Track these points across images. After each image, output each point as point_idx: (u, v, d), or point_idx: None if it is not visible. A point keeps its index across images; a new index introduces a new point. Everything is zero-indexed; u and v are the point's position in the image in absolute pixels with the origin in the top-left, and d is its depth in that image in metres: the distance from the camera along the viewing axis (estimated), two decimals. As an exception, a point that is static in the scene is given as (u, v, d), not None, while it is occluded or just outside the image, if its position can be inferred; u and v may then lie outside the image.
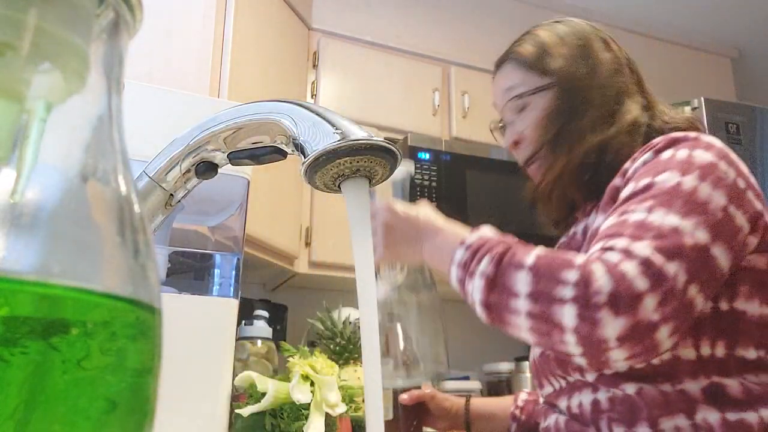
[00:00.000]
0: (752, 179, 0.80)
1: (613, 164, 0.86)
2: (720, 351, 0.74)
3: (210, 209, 1.01)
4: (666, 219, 0.70)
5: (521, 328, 0.70)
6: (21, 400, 0.16)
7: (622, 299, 0.64)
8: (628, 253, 0.67)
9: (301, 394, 0.97)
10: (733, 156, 0.80)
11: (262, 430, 1.01)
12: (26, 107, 0.19)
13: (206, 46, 1.62)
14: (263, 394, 0.99)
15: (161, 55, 1.53)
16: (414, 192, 2.00)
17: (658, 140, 0.81)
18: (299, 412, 0.99)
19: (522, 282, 0.69)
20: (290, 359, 1.07)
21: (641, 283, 0.65)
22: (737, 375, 0.73)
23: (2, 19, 0.18)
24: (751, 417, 0.70)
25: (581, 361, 0.70)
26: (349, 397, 1.10)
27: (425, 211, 0.87)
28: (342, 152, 0.38)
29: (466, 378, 2.04)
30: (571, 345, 0.67)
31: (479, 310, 0.74)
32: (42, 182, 0.19)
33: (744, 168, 0.80)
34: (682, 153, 0.77)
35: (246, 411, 0.98)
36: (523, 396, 1.12)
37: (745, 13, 2.69)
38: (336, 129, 0.39)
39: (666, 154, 0.78)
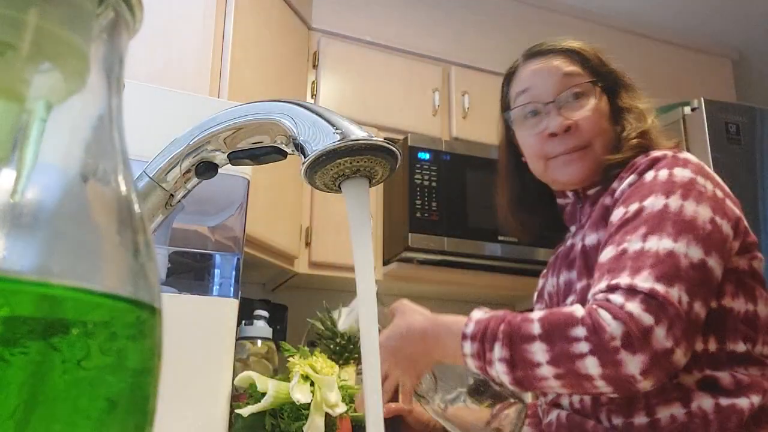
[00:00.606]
0: (727, 188, 0.88)
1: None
2: (712, 346, 0.80)
3: (210, 209, 1.01)
4: (661, 244, 0.76)
5: (554, 387, 0.76)
6: (21, 400, 0.16)
7: (635, 338, 0.71)
8: (631, 291, 0.73)
9: (301, 394, 0.97)
10: (707, 169, 0.87)
11: (262, 430, 1.01)
12: (26, 107, 0.19)
13: (206, 46, 1.62)
14: (263, 394, 0.99)
15: (161, 55, 1.53)
16: (414, 192, 2.00)
17: (641, 161, 0.87)
18: (299, 412, 0.99)
19: (539, 352, 0.74)
20: (290, 359, 1.07)
21: (647, 319, 0.71)
22: (728, 368, 0.79)
23: (2, 18, 0.18)
24: (742, 402, 0.76)
25: (615, 395, 0.78)
26: (350, 397, 1.10)
27: (403, 312, 0.90)
28: (342, 152, 0.38)
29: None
30: (603, 388, 0.73)
31: (511, 387, 0.79)
32: (42, 182, 0.19)
33: (719, 179, 0.87)
34: (663, 173, 0.83)
35: (246, 411, 0.98)
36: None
37: (746, 14, 2.69)
38: (336, 129, 0.39)
39: (649, 176, 0.84)
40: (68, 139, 0.20)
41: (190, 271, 1.00)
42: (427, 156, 2.05)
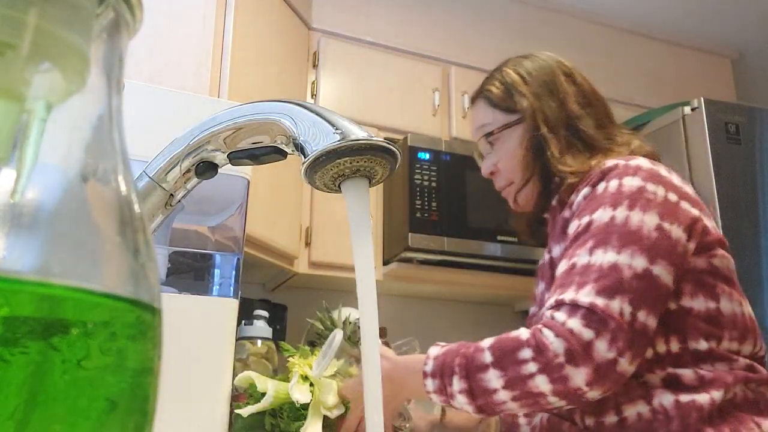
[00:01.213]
0: (686, 188, 0.89)
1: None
2: (674, 346, 0.83)
3: (210, 209, 1.01)
4: (605, 258, 0.80)
5: (514, 409, 0.81)
6: (21, 400, 0.16)
7: (576, 352, 0.75)
8: (573, 306, 0.78)
9: (300, 394, 0.97)
10: (663, 172, 0.89)
11: (261, 430, 1.01)
12: (26, 107, 0.19)
13: (206, 46, 1.62)
14: (263, 394, 0.99)
15: (161, 55, 1.53)
16: (414, 192, 2.00)
17: (593, 172, 0.91)
18: (299, 412, 0.99)
19: (493, 379, 0.79)
20: (290, 359, 1.07)
21: (588, 333, 0.76)
22: (692, 365, 0.82)
23: (2, 18, 0.18)
24: (702, 398, 0.79)
25: (571, 407, 0.83)
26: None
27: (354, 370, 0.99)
28: (342, 152, 0.38)
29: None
30: (557, 402, 0.79)
31: (476, 415, 0.86)
32: (42, 182, 0.19)
33: (676, 180, 0.89)
34: (613, 184, 0.87)
35: (246, 411, 0.98)
36: None
37: (746, 13, 2.69)
38: (336, 129, 0.39)
39: (600, 187, 0.88)
40: (68, 139, 0.20)
41: (190, 271, 1.00)
42: (427, 156, 2.05)
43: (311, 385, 1.01)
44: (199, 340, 0.93)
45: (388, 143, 0.39)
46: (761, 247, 1.90)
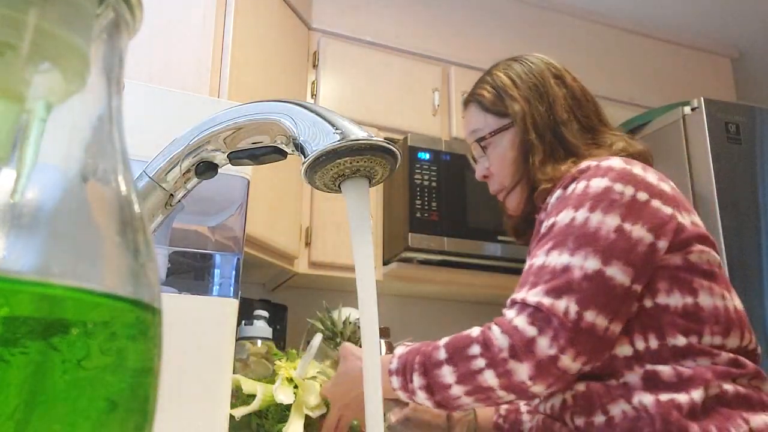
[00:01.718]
0: (662, 185, 0.90)
1: None
2: (653, 343, 0.84)
3: (210, 209, 1.01)
4: (559, 259, 0.83)
5: (468, 404, 0.85)
6: (21, 400, 0.16)
7: (519, 348, 0.79)
8: (522, 305, 0.82)
9: (284, 395, 1.01)
10: (636, 170, 0.89)
11: (247, 429, 1.03)
12: (26, 107, 0.19)
13: (206, 46, 1.62)
14: (249, 396, 1.02)
15: (161, 55, 1.53)
16: (414, 192, 2.00)
17: (567, 175, 0.93)
18: (283, 414, 1.03)
19: (447, 374, 0.83)
20: (277, 362, 1.11)
21: (531, 330, 0.79)
22: (672, 361, 0.83)
23: (2, 19, 0.18)
24: (681, 397, 0.80)
25: (519, 401, 0.88)
26: None
27: (345, 357, 1.00)
28: (342, 152, 0.38)
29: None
30: (505, 396, 0.82)
31: (436, 411, 0.90)
32: (42, 182, 0.19)
33: (651, 178, 0.89)
34: (580, 186, 0.89)
35: (238, 412, 1.01)
36: (504, 405, 1.14)
37: (746, 13, 2.69)
38: (336, 129, 0.39)
39: (570, 189, 0.90)
40: (68, 139, 0.20)
41: (190, 271, 1.00)
42: (427, 156, 2.05)
43: (295, 386, 1.03)
44: (199, 340, 0.93)
45: (388, 143, 0.39)
46: (761, 247, 1.90)
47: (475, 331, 0.85)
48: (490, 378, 0.80)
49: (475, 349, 0.82)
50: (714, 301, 0.86)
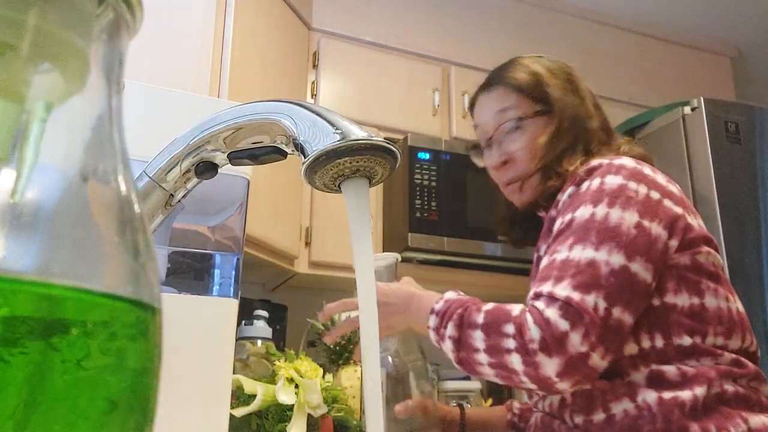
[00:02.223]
0: (671, 187, 0.91)
1: None
2: (659, 342, 0.84)
3: (210, 209, 1.01)
4: (583, 254, 0.82)
5: (489, 375, 0.84)
6: (21, 400, 0.16)
7: (551, 342, 0.77)
8: (551, 298, 0.80)
9: (286, 395, 1.01)
10: (647, 171, 0.90)
11: (248, 430, 1.03)
12: (26, 107, 0.19)
13: (206, 46, 1.62)
14: (250, 396, 1.02)
15: (161, 55, 1.53)
16: (414, 192, 2.00)
17: (579, 172, 0.92)
18: (284, 414, 1.03)
19: (479, 339, 0.82)
20: (276, 363, 1.11)
21: (563, 324, 0.77)
22: (676, 361, 0.83)
23: (2, 19, 0.18)
24: (684, 394, 0.79)
25: (539, 392, 0.86)
26: (332, 398, 1.14)
27: (405, 283, 1.00)
28: (342, 152, 0.38)
29: (467, 378, 2.04)
30: (528, 384, 0.81)
31: (455, 365, 0.88)
32: (42, 182, 0.19)
33: (660, 179, 0.90)
34: (595, 182, 0.88)
35: (239, 412, 1.01)
36: (516, 404, 1.15)
37: (745, 12, 2.69)
38: (336, 129, 0.39)
39: (584, 186, 0.89)
40: (68, 139, 0.20)
41: (190, 271, 1.00)
42: (427, 156, 2.05)
43: (296, 387, 1.04)
44: (199, 340, 0.93)
45: (388, 143, 0.39)
46: (762, 247, 1.90)
47: (515, 309, 0.83)
48: (516, 362, 0.79)
49: (509, 329, 0.80)
50: (718, 303, 0.86)
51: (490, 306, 0.85)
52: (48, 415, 0.16)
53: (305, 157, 0.39)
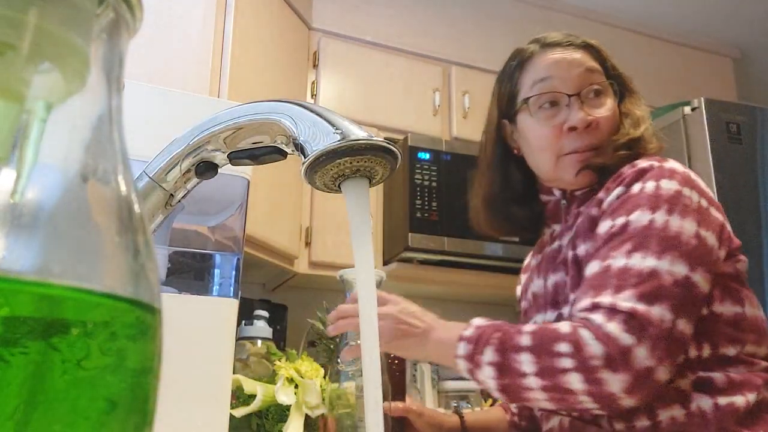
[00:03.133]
0: (711, 193, 0.88)
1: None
2: (706, 351, 0.81)
3: (210, 209, 1.01)
4: (645, 262, 0.77)
5: (539, 400, 0.77)
6: (21, 400, 0.16)
7: (615, 358, 0.72)
8: (612, 310, 0.75)
9: (285, 395, 1.01)
10: (693, 176, 0.87)
11: (248, 430, 1.03)
12: (26, 107, 0.19)
13: (206, 46, 1.62)
14: (249, 396, 1.02)
15: (161, 55, 1.53)
16: (414, 192, 2.00)
17: (627, 172, 0.87)
18: (284, 414, 1.03)
19: (526, 363, 0.76)
20: (276, 363, 1.11)
21: (627, 338, 0.73)
22: (720, 370, 0.80)
23: (2, 19, 0.18)
24: (738, 400, 0.77)
25: (601, 412, 0.79)
26: (336, 396, 1.14)
27: (415, 307, 0.93)
28: (342, 152, 0.38)
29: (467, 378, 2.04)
30: (588, 404, 0.75)
31: (496, 394, 0.80)
32: (42, 182, 0.19)
33: (704, 185, 0.87)
34: (649, 186, 0.83)
35: (239, 412, 1.01)
36: (513, 405, 1.11)
37: (747, 12, 2.69)
38: (336, 129, 0.39)
39: (636, 188, 0.84)
40: (68, 139, 0.20)
41: (190, 271, 1.00)
42: (427, 156, 2.05)
43: (296, 387, 1.04)
44: (199, 340, 0.93)
45: (388, 143, 0.39)
46: (763, 247, 1.90)
47: (564, 326, 0.77)
48: (575, 382, 0.73)
49: (563, 347, 0.75)
50: (754, 311, 0.86)
51: (532, 327, 0.79)
52: (48, 415, 0.16)
53: (305, 157, 0.39)
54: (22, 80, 0.19)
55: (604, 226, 0.84)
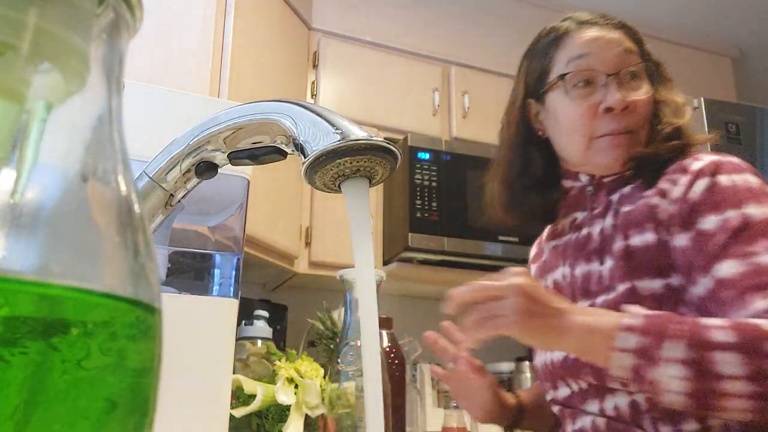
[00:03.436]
0: None
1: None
2: None
3: (210, 209, 1.01)
4: None
5: (736, 409, 0.65)
6: (21, 400, 0.16)
7: None
8: None
9: (285, 395, 1.01)
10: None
11: (248, 430, 1.03)
12: (26, 107, 0.19)
13: (206, 46, 1.62)
14: (249, 396, 1.02)
15: (161, 55, 1.53)
16: (414, 192, 2.00)
17: (701, 165, 0.81)
18: (284, 414, 1.03)
19: (732, 364, 0.64)
20: (277, 363, 1.11)
21: None
22: None
23: (2, 19, 0.18)
24: None
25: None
26: (336, 396, 1.14)
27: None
28: (342, 152, 0.38)
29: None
30: None
31: (680, 399, 0.66)
32: (42, 182, 0.19)
33: None
34: (740, 179, 0.79)
35: (239, 412, 1.01)
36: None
37: (746, 12, 2.69)
38: (336, 129, 0.39)
39: (724, 180, 0.79)
40: (68, 139, 0.20)
41: (190, 271, 1.00)
42: (427, 156, 2.05)
43: (296, 387, 1.04)
44: (199, 340, 0.93)
45: (388, 143, 0.39)
46: (761, 247, 1.90)
47: (765, 323, 0.66)
48: None
49: None
50: None
51: (724, 321, 0.67)
52: (48, 415, 0.16)
53: (305, 157, 0.39)
54: (22, 80, 0.19)
55: (709, 221, 0.76)
